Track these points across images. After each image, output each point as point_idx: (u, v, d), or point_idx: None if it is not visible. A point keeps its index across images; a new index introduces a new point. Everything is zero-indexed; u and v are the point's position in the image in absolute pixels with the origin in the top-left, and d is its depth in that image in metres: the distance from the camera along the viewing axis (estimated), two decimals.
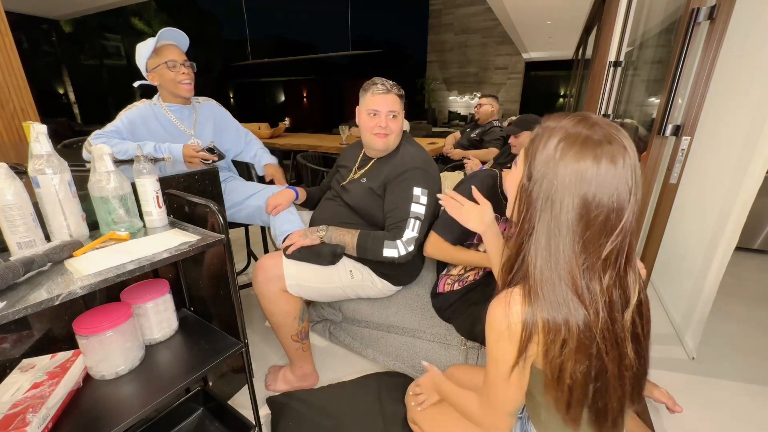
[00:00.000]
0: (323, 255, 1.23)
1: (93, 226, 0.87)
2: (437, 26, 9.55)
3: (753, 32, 1.20)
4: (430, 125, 7.68)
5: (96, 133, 1.37)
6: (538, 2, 5.09)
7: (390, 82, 1.28)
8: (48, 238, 0.78)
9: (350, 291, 1.34)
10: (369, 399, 1.31)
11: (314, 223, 1.41)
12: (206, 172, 1.17)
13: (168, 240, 0.82)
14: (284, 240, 1.29)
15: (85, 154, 1.37)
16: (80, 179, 0.83)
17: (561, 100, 10.32)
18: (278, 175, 1.69)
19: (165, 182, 1.01)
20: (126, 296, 0.90)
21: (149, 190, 0.89)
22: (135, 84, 1.46)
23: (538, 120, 0.64)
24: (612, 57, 1.94)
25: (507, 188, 0.69)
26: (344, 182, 1.41)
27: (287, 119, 4.99)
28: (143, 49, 1.39)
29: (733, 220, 1.17)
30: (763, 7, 1.16)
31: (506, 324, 0.56)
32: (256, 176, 1.82)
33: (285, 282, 1.22)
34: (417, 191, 1.23)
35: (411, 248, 1.20)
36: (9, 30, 2.56)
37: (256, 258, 2.21)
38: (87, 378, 0.82)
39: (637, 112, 2.88)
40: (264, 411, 1.30)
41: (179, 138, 1.49)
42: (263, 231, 2.12)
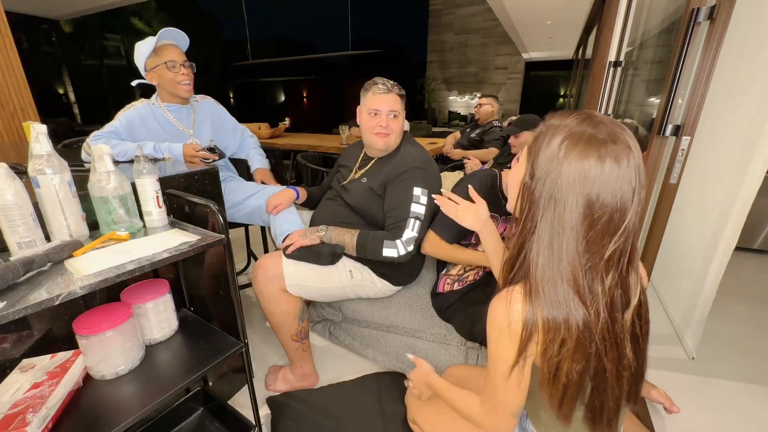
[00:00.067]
0: (323, 255, 1.23)
1: (93, 226, 0.87)
2: (437, 26, 9.55)
3: (753, 32, 1.19)
4: (430, 125, 7.68)
5: (94, 135, 1.36)
6: (538, 2, 5.09)
7: (391, 82, 1.29)
8: (48, 238, 0.78)
9: (350, 291, 1.34)
10: (369, 399, 1.31)
11: (314, 223, 1.41)
12: (206, 172, 1.17)
13: (168, 240, 0.82)
14: (284, 240, 1.29)
15: (84, 156, 1.36)
16: (80, 179, 0.83)
17: (561, 100, 10.32)
18: (267, 180, 1.68)
19: (165, 182, 1.01)
20: (126, 296, 0.90)
21: (149, 190, 0.89)
22: (133, 83, 1.46)
23: (538, 120, 0.63)
24: (612, 57, 1.94)
25: (509, 185, 0.68)
26: (345, 182, 1.41)
27: (287, 119, 4.98)
28: (142, 48, 1.38)
29: (733, 220, 1.17)
30: (763, 7, 1.16)
31: (507, 322, 0.56)
32: None
33: (285, 282, 1.22)
34: (417, 191, 1.23)
35: (411, 248, 1.20)
36: (9, 30, 2.56)
37: (256, 258, 2.21)
38: (87, 378, 0.82)
39: (637, 112, 2.87)
40: (264, 411, 1.30)
41: (178, 138, 1.48)
42: (263, 231, 2.12)
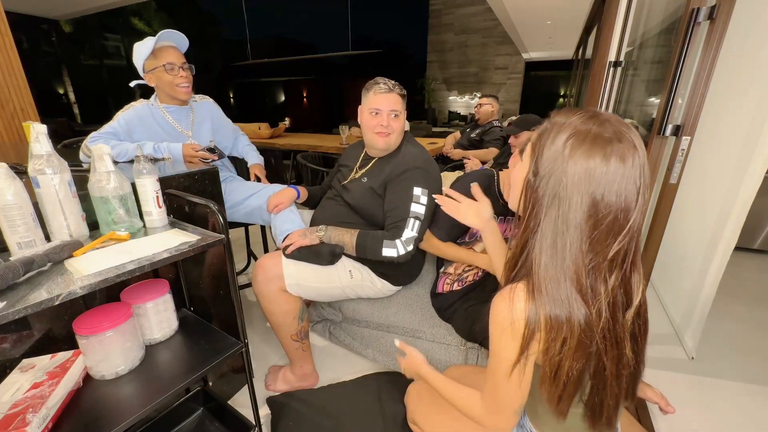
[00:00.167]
0: (322, 255, 1.23)
1: (93, 226, 0.87)
2: (437, 26, 9.55)
3: (753, 32, 1.19)
4: (430, 125, 7.69)
5: (92, 136, 1.35)
6: (538, 2, 5.09)
7: (392, 82, 1.29)
8: (48, 238, 0.78)
9: (350, 291, 1.34)
10: (369, 399, 1.31)
11: (315, 223, 1.41)
12: (206, 172, 1.17)
13: (168, 240, 0.82)
14: (284, 240, 1.29)
15: (83, 157, 1.34)
16: (80, 179, 0.83)
17: (561, 100, 10.32)
18: (261, 174, 1.75)
19: (165, 182, 1.01)
20: (126, 296, 0.90)
21: (149, 190, 0.89)
22: (132, 84, 1.45)
23: (538, 120, 0.63)
24: (612, 57, 1.94)
25: (511, 182, 0.68)
26: (345, 181, 1.41)
27: (287, 119, 4.99)
28: (141, 50, 1.37)
29: (733, 220, 1.17)
30: (763, 7, 1.16)
31: (510, 320, 0.56)
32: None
33: (284, 282, 1.22)
34: (417, 191, 1.23)
35: (410, 248, 1.20)
36: (9, 30, 2.56)
37: (256, 258, 2.21)
38: (87, 378, 0.82)
39: (637, 112, 2.87)
40: (264, 411, 1.30)
41: (177, 139, 1.48)
42: (263, 231, 2.12)
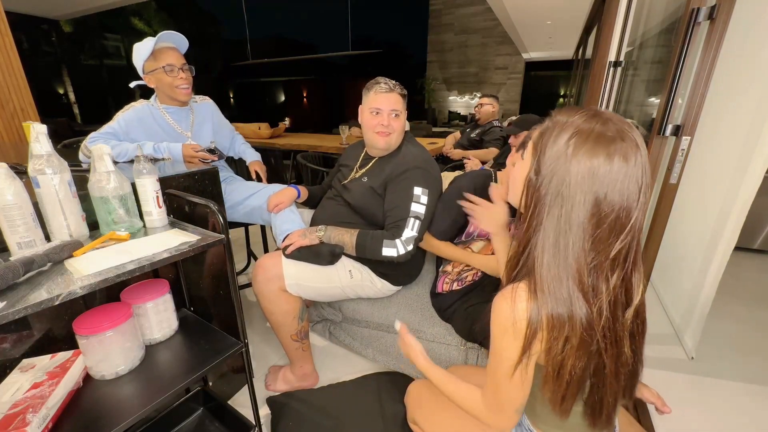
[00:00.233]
0: (322, 255, 1.23)
1: (93, 226, 0.87)
2: (437, 26, 9.54)
3: (753, 32, 1.19)
4: (430, 125, 7.68)
5: (91, 137, 1.35)
6: (538, 2, 5.09)
7: (393, 82, 1.29)
8: (48, 238, 0.78)
9: (350, 291, 1.34)
10: (369, 399, 1.31)
11: (315, 223, 1.41)
12: (206, 172, 1.17)
13: (168, 240, 0.82)
14: (284, 240, 1.29)
15: (82, 157, 1.34)
16: (80, 179, 0.83)
17: (561, 100, 10.31)
18: (261, 170, 1.76)
19: (165, 182, 1.01)
20: (126, 296, 0.90)
21: (149, 190, 0.89)
22: (131, 85, 1.44)
23: (538, 120, 0.63)
24: (612, 57, 1.94)
25: (513, 182, 0.68)
26: (345, 181, 1.41)
27: (287, 119, 4.99)
28: (141, 51, 1.37)
29: (733, 220, 1.17)
30: (763, 7, 1.16)
31: (512, 320, 0.56)
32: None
33: (284, 281, 1.22)
34: (417, 191, 1.23)
35: (410, 247, 1.20)
36: (9, 30, 2.56)
37: (256, 258, 2.21)
38: (87, 378, 0.82)
39: (637, 112, 2.87)
40: (264, 411, 1.30)
41: (176, 140, 1.47)
42: (263, 231, 2.12)
